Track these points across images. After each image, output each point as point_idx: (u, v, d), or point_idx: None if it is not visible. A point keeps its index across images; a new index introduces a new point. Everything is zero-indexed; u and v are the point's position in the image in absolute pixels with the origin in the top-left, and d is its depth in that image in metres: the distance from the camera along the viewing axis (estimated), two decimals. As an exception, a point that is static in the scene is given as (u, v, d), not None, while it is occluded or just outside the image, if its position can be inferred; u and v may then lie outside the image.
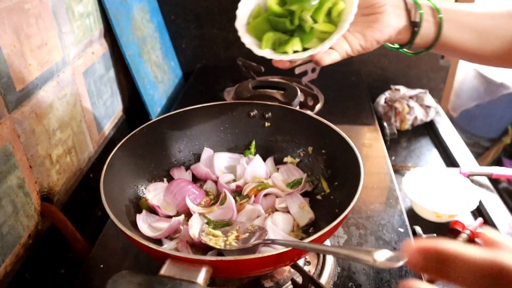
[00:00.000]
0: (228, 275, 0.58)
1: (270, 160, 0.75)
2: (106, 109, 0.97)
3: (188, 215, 0.64)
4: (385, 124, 1.08)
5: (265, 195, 0.67)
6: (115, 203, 0.58)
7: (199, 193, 0.68)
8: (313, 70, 1.12)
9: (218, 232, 0.58)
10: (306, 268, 0.62)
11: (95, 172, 0.88)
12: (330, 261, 0.65)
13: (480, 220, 0.89)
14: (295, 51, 0.59)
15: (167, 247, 0.60)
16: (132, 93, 1.10)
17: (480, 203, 0.92)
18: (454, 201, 0.92)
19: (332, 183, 0.68)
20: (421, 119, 1.22)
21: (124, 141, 0.66)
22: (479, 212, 0.93)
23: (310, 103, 1.07)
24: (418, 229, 0.79)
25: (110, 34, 0.99)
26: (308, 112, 0.73)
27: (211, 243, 0.55)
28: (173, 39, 1.35)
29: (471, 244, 0.31)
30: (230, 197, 0.64)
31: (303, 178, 0.70)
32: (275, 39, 0.60)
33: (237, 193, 0.69)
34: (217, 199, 0.68)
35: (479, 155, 1.80)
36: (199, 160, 0.75)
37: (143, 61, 1.09)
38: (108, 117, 0.99)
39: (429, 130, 1.25)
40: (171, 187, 0.67)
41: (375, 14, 0.60)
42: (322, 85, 1.16)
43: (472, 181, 0.99)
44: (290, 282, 0.60)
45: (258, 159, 0.73)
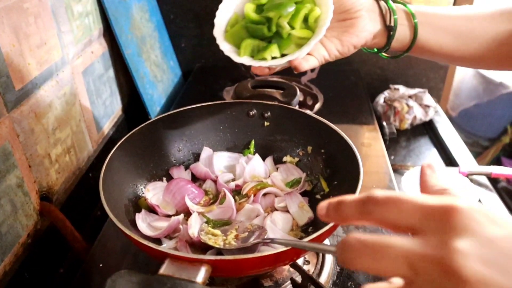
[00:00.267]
0: (228, 275, 0.58)
1: (269, 160, 0.75)
2: (105, 109, 0.97)
3: (188, 214, 0.64)
4: (384, 123, 1.08)
5: (264, 194, 0.67)
6: (114, 203, 0.58)
7: (198, 192, 0.68)
8: (312, 70, 1.12)
9: (217, 231, 0.58)
10: (306, 268, 0.62)
11: (94, 172, 0.88)
12: (329, 260, 0.65)
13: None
14: (273, 57, 0.60)
15: (166, 246, 0.60)
16: (131, 93, 1.10)
17: (479, 202, 0.92)
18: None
19: (331, 182, 0.68)
20: (420, 118, 1.22)
21: (123, 140, 0.66)
22: (478, 211, 0.93)
23: (310, 102, 1.07)
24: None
25: (109, 33, 0.99)
26: (307, 112, 0.73)
27: (210, 242, 0.55)
28: (172, 39, 1.35)
29: None
30: (229, 196, 0.64)
31: (302, 178, 0.70)
32: (253, 46, 0.61)
33: (236, 192, 0.69)
34: (216, 198, 0.68)
35: (478, 155, 1.80)
36: (198, 159, 0.75)
37: (142, 60, 1.09)
38: (107, 116, 0.99)
39: (428, 130, 1.25)
40: (170, 187, 0.67)
41: (351, 19, 0.60)
42: (322, 84, 1.16)
43: (471, 180, 0.99)
44: (289, 282, 0.60)
45: (257, 158, 0.73)
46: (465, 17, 0.63)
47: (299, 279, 0.59)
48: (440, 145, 1.17)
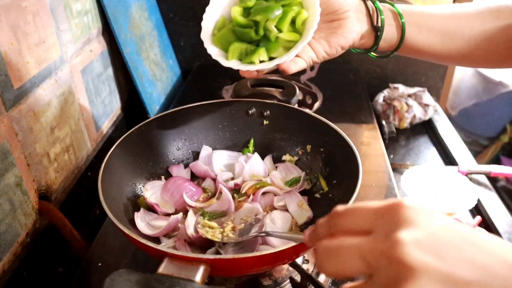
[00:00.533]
0: (226, 274, 0.57)
1: (269, 158, 0.75)
2: (104, 107, 0.97)
3: (187, 213, 0.64)
4: (383, 122, 1.08)
5: (264, 193, 0.67)
6: (113, 202, 0.58)
7: (197, 190, 0.68)
8: (311, 69, 1.12)
9: (213, 224, 0.58)
10: (305, 267, 0.62)
11: (93, 171, 0.88)
12: (328, 259, 0.65)
13: (478, 218, 0.89)
14: (261, 60, 0.60)
15: (165, 245, 0.60)
16: (130, 91, 1.10)
17: (478, 201, 0.92)
18: (452, 199, 0.92)
19: (331, 181, 0.68)
20: (420, 117, 1.22)
21: (122, 139, 0.65)
22: (477, 210, 0.93)
23: (309, 101, 1.07)
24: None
25: (108, 32, 0.99)
26: (307, 110, 0.73)
27: (208, 236, 0.55)
28: (171, 37, 1.34)
29: None
30: (225, 191, 0.65)
31: (302, 177, 0.70)
32: (241, 50, 0.61)
33: (236, 191, 0.69)
34: (214, 196, 0.68)
35: (477, 154, 1.80)
36: (197, 158, 0.75)
37: (141, 59, 1.09)
38: (106, 115, 0.98)
39: (427, 129, 1.25)
40: (167, 186, 0.67)
41: (338, 20, 0.60)
42: (321, 83, 1.16)
43: (471, 179, 0.99)
44: (288, 281, 0.60)
45: (256, 157, 0.73)
46: (452, 15, 0.63)
47: (298, 278, 0.59)
48: (440, 144, 1.17)
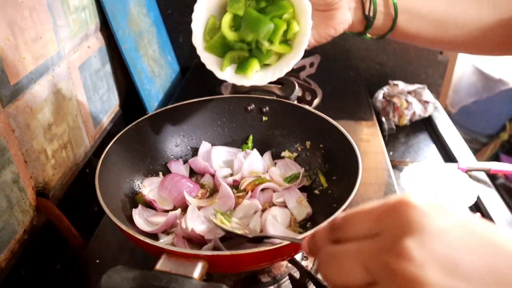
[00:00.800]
0: (225, 270, 0.57)
1: (268, 155, 0.75)
2: (102, 104, 0.96)
3: (185, 209, 0.64)
4: (383, 119, 1.08)
5: (262, 189, 0.67)
6: (111, 198, 0.58)
7: (194, 186, 0.67)
8: (311, 65, 1.11)
9: (227, 215, 0.58)
10: (304, 263, 0.61)
11: (91, 167, 0.87)
12: (327, 256, 0.65)
13: (477, 215, 0.89)
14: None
15: (163, 241, 0.59)
16: (128, 88, 1.10)
17: (478, 198, 0.92)
18: (452, 196, 0.91)
19: (330, 177, 0.67)
20: (420, 114, 1.22)
21: (119, 135, 0.65)
22: (476, 207, 0.93)
23: (308, 98, 1.07)
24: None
25: (106, 28, 0.98)
26: (306, 107, 0.73)
27: (225, 226, 0.54)
28: (170, 34, 1.34)
29: None
30: (224, 185, 0.64)
31: (301, 173, 0.70)
32: (234, 57, 0.63)
33: (234, 187, 0.68)
34: (213, 192, 0.67)
35: (477, 151, 1.80)
36: (196, 154, 0.75)
37: (140, 55, 1.08)
38: (105, 112, 0.98)
39: (427, 126, 1.24)
40: (165, 183, 0.66)
41: (330, 10, 0.60)
42: (320, 80, 1.16)
43: (470, 176, 0.99)
44: (287, 277, 0.60)
45: (255, 153, 0.73)
46: (447, 3, 0.62)
47: (297, 274, 0.59)
48: (439, 141, 1.17)
